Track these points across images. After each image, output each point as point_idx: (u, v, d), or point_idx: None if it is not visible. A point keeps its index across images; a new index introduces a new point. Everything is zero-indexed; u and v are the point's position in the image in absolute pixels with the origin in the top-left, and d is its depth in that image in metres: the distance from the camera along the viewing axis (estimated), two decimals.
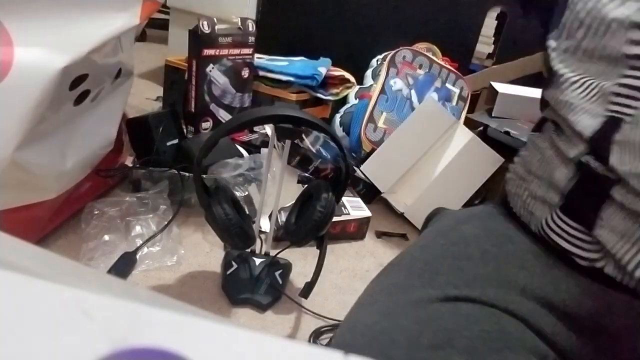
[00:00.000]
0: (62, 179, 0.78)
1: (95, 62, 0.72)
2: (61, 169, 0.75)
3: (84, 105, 0.78)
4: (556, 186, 0.47)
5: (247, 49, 1.23)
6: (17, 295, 0.15)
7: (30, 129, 0.64)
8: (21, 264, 0.19)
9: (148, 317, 0.15)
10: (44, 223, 0.81)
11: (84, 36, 0.67)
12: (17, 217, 0.72)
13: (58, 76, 0.63)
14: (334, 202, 0.73)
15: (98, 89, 0.80)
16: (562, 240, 0.46)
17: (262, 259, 0.83)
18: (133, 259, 0.81)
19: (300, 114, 0.69)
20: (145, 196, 0.91)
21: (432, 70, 1.37)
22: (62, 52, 0.64)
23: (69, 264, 0.21)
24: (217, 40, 1.16)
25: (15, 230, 0.72)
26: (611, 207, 0.42)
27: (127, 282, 0.71)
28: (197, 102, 1.18)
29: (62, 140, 0.75)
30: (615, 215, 0.42)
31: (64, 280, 0.19)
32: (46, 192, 0.76)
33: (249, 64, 1.25)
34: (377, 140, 1.24)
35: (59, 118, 0.72)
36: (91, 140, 0.83)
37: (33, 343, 0.14)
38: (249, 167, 1.01)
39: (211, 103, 1.20)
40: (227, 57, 1.19)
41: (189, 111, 1.19)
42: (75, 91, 0.73)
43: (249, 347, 0.15)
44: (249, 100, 1.28)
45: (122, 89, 0.90)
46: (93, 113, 0.81)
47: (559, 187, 0.47)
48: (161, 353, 0.14)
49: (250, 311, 0.78)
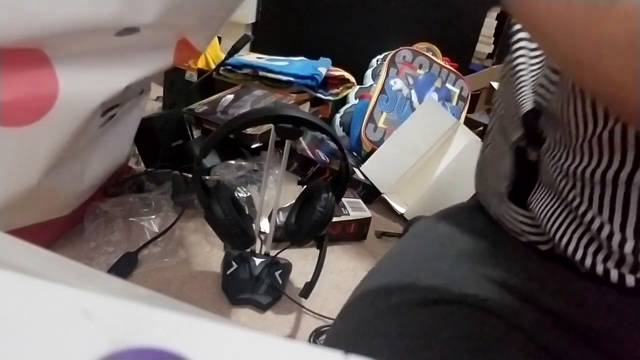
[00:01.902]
0: (78, 198, 0.79)
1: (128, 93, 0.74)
2: (79, 189, 0.77)
3: (106, 126, 0.79)
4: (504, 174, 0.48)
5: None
6: (17, 295, 0.15)
7: (58, 159, 0.65)
8: (20, 264, 0.19)
9: (148, 317, 0.15)
10: (51, 235, 0.82)
11: (122, 73, 0.68)
12: (26, 232, 0.73)
13: (95, 111, 0.65)
14: (334, 202, 0.73)
15: (122, 110, 0.81)
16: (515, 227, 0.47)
17: (262, 259, 0.83)
18: (134, 259, 0.81)
19: (300, 113, 0.69)
20: (148, 197, 0.92)
21: (432, 70, 1.37)
22: (102, 87, 0.66)
23: (68, 263, 0.21)
24: None
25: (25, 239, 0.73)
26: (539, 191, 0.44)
27: (127, 282, 0.71)
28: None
29: (82, 161, 0.76)
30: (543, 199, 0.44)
31: (63, 279, 0.19)
32: (62, 210, 0.77)
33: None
34: (377, 140, 1.24)
35: (84, 142, 0.73)
36: (108, 158, 0.84)
37: (32, 343, 0.14)
38: (252, 169, 1.01)
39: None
40: None
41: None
42: (105, 117, 0.74)
43: (249, 347, 0.15)
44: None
45: (140, 104, 0.91)
46: (112, 131, 0.82)
47: (505, 174, 0.48)
48: (161, 353, 0.14)
49: (250, 311, 0.78)
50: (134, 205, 0.89)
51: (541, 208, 0.44)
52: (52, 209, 0.75)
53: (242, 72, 1.32)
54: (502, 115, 0.50)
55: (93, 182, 0.80)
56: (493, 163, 0.51)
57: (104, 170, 0.83)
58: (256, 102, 1.21)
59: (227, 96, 1.23)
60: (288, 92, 1.31)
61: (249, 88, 1.28)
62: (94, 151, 0.78)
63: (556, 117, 0.42)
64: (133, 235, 0.86)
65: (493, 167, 0.51)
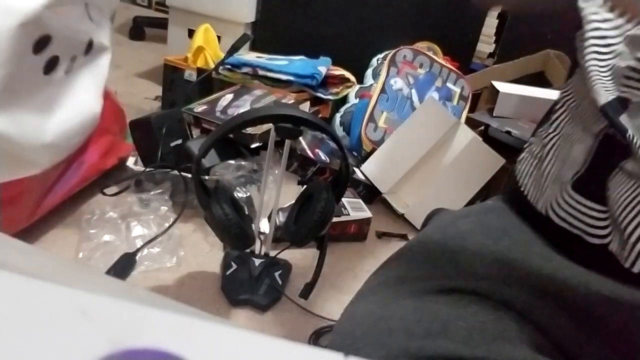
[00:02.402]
0: (45, 152, 0.79)
1: (57, 24, 0.73)
2: (42, 140, 0.76)
3: (58, 76, 0.79)
4: (573, 162, 0.48)
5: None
6: (16, 296, 0.15)
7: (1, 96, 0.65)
8: (20, 265, 0.19)
9: (147, 317, 0.15)
10: (38, 200, 0.82)
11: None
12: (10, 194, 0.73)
13: (16, 34, 0.64)
14: (334, 203, 0.73)
15: (69, 59, 0.81)
16: (571, 218, 0.47)
17: (262, 259, 0.83)
18: (133, 259, 0.81)
19: (300, 113, 0.69)
20: (147, 197, 0.91)
21: (433, 69, 1.36)
22: (15, 8, 0.65)
23: (67, 264, 0.21)
24: None
25: (9, 210, 0.74)
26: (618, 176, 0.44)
27: (125, 283, 0.71)
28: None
29: (38, 110, 0.76)
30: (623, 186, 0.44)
31: (62, 280, 0.19)
32: (31, 166, 0.77)
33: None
34: (378, 140, 1.24)
35: (30, 85, 0.73)
36: (72, 114, 0.84)
37: (31, 343, 0.14)
38: (251, 169, 1.01)
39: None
40: None
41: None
42: (42, 56, 0.74)
43: (248, 348, 0.15)
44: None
45: (98, 63, 0.91)
46: (69, 86, 0.83)
47: (576, 162, 0.48)
48: (160, 354, 0.14)
49: (250, 312, 0.78)
50: (133, 205, 0.89)
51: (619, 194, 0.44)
52: (20, 162, 0.75)
53: (242, 72, 1.32)
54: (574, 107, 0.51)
55: (59, 138, 0.80)
56: (558, 152, 0.51)
57: (70, 126, 0.83)
58: (256, 101, 1.21)
59: (226, 95, 1.23)
60: (288, 91, 1.31)
61: (248, 87, 1.28)
62: (51, 103, 0.79)
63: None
64: (132, 235, 0.85)
65: (558, 157, 0.51)
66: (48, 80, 0.77)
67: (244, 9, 1.52)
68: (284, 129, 0.68)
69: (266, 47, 1.45)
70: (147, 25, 2.14)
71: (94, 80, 0.91)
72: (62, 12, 0.75)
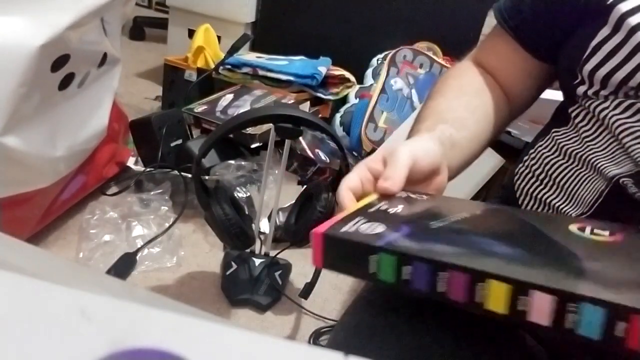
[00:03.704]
0: (54, 166, 0.78)
1: (75, 43, 0.73)
2: (52, 155, 0.76)
3: (71, 91, 0.79)
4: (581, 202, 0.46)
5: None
6: (17, 296, 0.15)
7: (15, 112, 0.65)
8: (20, 265, 0.19)
9: (147, 317, 0.15)
10: (44, 211, 0.82)
11: (59, 13, 0.68)
12: (16, 207, 0.73)
13: (37, 55, 0.64)
14: (334, 203, 0.73)
15: (83, 74, 0.81)
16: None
17: (262, 259, 0.83)
18: (133, 259, 0.81)
19: (300, 113, 0.69)
20: (147, 197, 0.91)
21: (433, 69, 1.36)
22: (38, 30, 0.65)
23: (68, 264, 0.21)
24: None
25: (15, 220, 0.73)
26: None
27: (126, 283, 0.71)
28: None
29: (50, 125, 0.76)
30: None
31: (62, 280, 0.19)
32: (41, 179, 0.76)
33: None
34: (378, 140, 1.24)
35: (45, 102, 0.73)
36: (82, 127, 0.84)
37: (32, 343, 0.14)
38: (251, 169, 1.01)
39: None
40: None
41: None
42: (59, 74, 0.74)
43: (249, 348, 0.15)
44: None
45: (109, 75, 0.91)
46: (81, 99, 0.83)
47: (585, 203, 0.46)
48: (160, 354, 0.14)
49: (250, 312, 0.78)
50: (133, 205, 0.89)
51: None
52: (29, 176, 0.74)
53: (242, 72, 1.32)
54: (588, 137, 0.48)
55: (69, 151, 0.80)
56: (563, 184, 0.49)
57: (79, 139, 0.83)
58: (256, 101, 1.21)
59: (226, 95, 1.23)
60: (288, 91, 1.31)
61: (248, 87, 1.28)
62: (63, 117, 0.78)
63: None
64: (132, 235, 0.85)
65: (563, 188, 0.49)
66: (62, 95, 0.77)
67: (244, 9, 1.52)
68: (284, 129, 0.68)
69: (266, 47, 1.45)
70: (147, 25, 2.14)
71: (105, 92, 0.90)
72: (82, 31, 0.74)
